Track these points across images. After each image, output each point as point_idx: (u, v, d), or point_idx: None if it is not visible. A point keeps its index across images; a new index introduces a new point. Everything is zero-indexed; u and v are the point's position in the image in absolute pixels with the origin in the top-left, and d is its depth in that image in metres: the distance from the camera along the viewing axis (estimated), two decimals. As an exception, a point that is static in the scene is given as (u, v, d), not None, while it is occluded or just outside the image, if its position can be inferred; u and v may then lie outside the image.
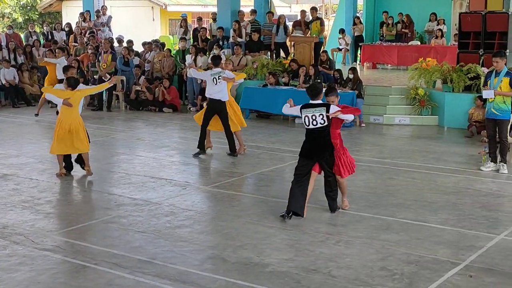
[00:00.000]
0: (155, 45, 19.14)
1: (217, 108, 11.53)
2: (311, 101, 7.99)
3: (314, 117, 7.89)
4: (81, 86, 10.32)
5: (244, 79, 16.87)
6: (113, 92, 17.67)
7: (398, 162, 11.17)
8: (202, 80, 17.01)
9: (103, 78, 17.17)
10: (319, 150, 8.03)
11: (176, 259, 6.71)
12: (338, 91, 14.56)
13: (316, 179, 8.20)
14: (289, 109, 8.35)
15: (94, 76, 17.77)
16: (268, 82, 15.88)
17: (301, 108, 8.02)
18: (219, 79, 11.43)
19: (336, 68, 16.60)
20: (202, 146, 11.68)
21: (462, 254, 6.80)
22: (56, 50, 17.16)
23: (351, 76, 15.01)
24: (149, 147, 12.57)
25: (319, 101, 7.98)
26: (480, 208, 8.51)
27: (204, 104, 16.70)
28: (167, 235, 7.46)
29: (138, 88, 17.26)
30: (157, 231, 7.62)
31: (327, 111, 7.87)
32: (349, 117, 8.14)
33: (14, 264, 6.55)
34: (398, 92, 15.73)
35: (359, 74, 15.64)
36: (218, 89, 11.46)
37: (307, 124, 7.97)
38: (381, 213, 8.25)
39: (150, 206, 8.65)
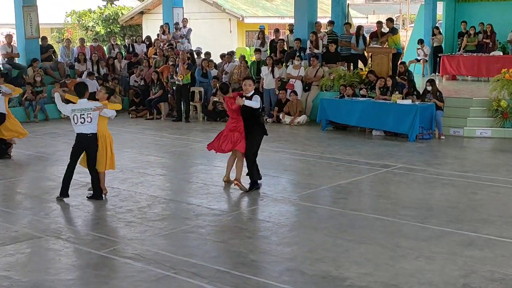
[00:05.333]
0: (241, 57, 19.20)
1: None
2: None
3: None
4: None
5: (321, 90, 16.99)
6: (191, 103, 17.96)
7: (481, 176, 10.85)
8: (279, 91, 17.09)
9: (176, 82, 17.47)
10: None
11: (254, 270, 6.72)
12: (417, 102, 14.58)
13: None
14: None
15: (173, 88, 18.10)
16: (346, 94, 15.76)
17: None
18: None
19: (412, 79, 16.29)
20: None
21: (550, 273, 6.54)
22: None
23: (429, 88, 14.70)
24: (226, 157, 12.57)
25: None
26: None
27: (281, 116, 16.85)
28: (244, 246, 7.48)
29: (216, 99, 17.45)
30: (235, 242, 7.65)
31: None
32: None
33: (97, 271, 6.72)
34: (479, 104, 15.31)
35: (438, 86, 15.32)
36: None
37: None
38: (464, 229, 8.02)
39: (228, 216, 8.71)
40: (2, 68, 18.48)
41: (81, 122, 9.22)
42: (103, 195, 9.66)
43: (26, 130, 13.40)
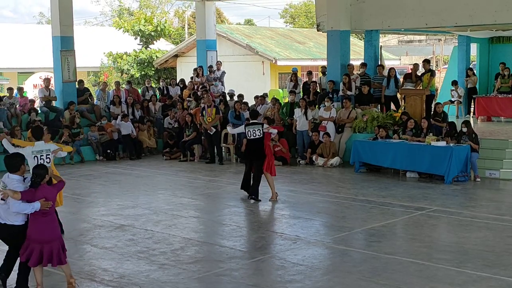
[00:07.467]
0: (274, 99, 19.31)
1: None
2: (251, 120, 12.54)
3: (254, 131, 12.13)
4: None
5: (354, 132, 16.98)
6: (224, 145, 18.06)
7: (518, 219, 10.67)
8: (312, 133, 17.10)
9: (208, 131, 17.57)
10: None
11: (287, 315, 6.67)
12: (451, 144, 14.46)
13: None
14: (232, 130, 14.02)
15: (204, 131, 18.19)
16: (379, 136, 15.72)
17: (245, 125, 12.57)
18: None
19: (449, 120, 16.19)
20: None
21: None
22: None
23: (464, 129, 14.59)
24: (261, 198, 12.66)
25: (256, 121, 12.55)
26: None
27: (314, 158, 16.83)
28: (278, 290, 7.44)
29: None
30: (269, 285, 7.62)
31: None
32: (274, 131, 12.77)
33: (130, 314, 6.74)
34: (515, 145, 15.12)
35: (473, 127, 15.18)
36: None
37: (249, 135, 12.22)
38: (501, 274, 7.87)
39: (261, 259, 8.67)
40: (40, 111, 18.90)
41: (41, 163, 9.59)
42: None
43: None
